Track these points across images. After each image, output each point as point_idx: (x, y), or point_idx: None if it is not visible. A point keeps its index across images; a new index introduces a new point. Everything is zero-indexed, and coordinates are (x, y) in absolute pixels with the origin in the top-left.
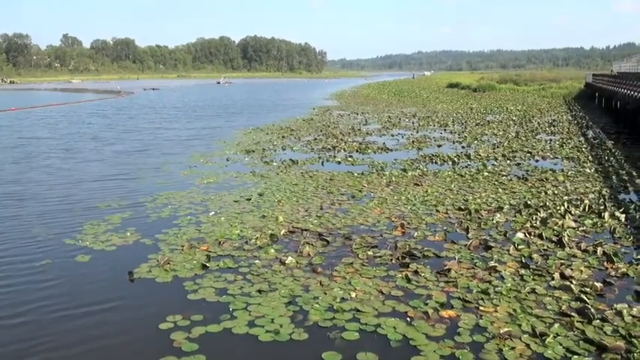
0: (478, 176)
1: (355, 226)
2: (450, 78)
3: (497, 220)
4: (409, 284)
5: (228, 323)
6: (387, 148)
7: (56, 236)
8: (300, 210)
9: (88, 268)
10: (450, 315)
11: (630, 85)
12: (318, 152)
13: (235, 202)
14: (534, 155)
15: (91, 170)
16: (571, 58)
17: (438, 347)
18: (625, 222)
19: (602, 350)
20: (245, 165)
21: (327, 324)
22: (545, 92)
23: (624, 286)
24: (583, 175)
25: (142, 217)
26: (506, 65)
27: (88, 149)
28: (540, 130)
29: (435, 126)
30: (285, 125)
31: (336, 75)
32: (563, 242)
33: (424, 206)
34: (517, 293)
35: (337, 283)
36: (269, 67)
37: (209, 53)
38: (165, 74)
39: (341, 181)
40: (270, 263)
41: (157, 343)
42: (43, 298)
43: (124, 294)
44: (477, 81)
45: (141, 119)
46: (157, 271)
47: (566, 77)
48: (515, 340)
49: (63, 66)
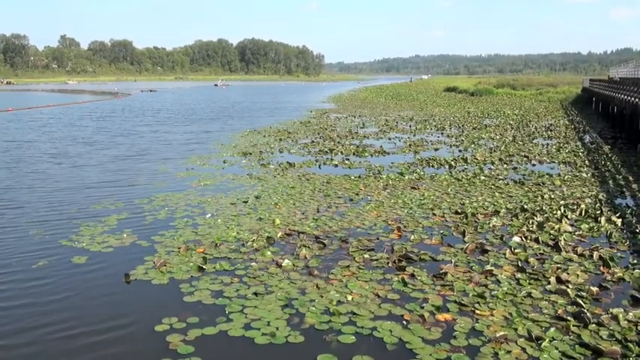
0: (475, 180)
1: (352, 229)
2: (447, 82)
3: (494, 224)
4: (405, 287)
5: (225, 326)
6: (384, 151)
7: (52, 238)
8: (297, 213)
9: (85, 270)
10: (446, 318)
11: (627, 91)
12: (315, 155)
13: (232, 204)
14: (531, 159)
15: (87, 172)
16: (568, 63)
17: (434, 351)
18: (621, 226)
19: (598, 355)
20: (242, 167)
21: (324, 327)
22: (543, 97)
23: (620, 291)
24: (580, 179)
25: (139, 218)
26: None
27: (85, 151)
28: (537, 134)
29: (432, 129)
30: (283, 128)
31: (334, 78)
32: (560, 246)
33: (421, 210)
34: (513, 297)
35: (333, 286)
36: (267, 70)
37: (207, 56)
38: (163, 76)
39: (338, 184)
40: (266, 266)
41: (153, 346)
42: (39, 299)
43: (120, 295)
44: (475, 85)
45: (138, 121)
46: (154, 272)
47: (563, 82)
48: (511, 344)
49: (60, 67)
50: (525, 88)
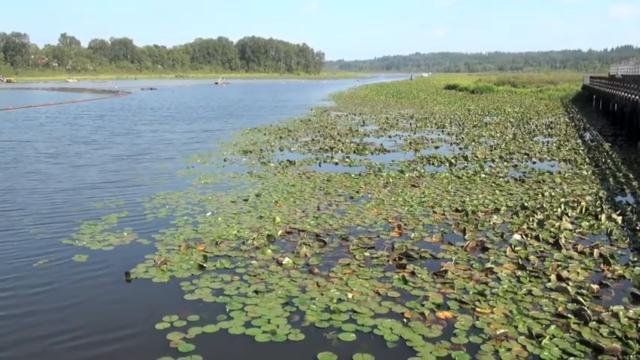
0: (475, 178)
1: (352, 227)
2: (447, 80)
3: (494, 222)
4: (406, 285)
5: (225, 324)
6: (384, 149)
7: (53, 236)
8: (298, 211)
9: (85, 268)
10: (446, 316)
11: (627, 88)
12: (315, 153)
13: (232, 202)
14: (531, 157)
15: (87, 171)
16: (569, 61)
17: (435, 348)
18: (622, 224)
19: (598, 352)
20: (242, 165)
21: (324, 325)
22: (543, 94)
23: (620, 288)
24: (580, 177)
25: (139, 217)
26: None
27: (84, 150)
28: (538, 132)
29: (433, 127)
30: (283, 126)
31: (335, 76)
32: (560, 244)
33: (421, 207)
34: (513, 295)
35: (334, 284)
36: (267, 68)
37: (207, 54)
38: (163, 74)
39: (338, 182)
40: (267, 264)
41: (154, 344)
42: (40, 297)
43: (121, 294)
44: (475, 83)
45: (138, 119)
46: (154, 271)
47: (563, 80)
48: (512, 342)
49: (61, 65)
50: (526, 86)
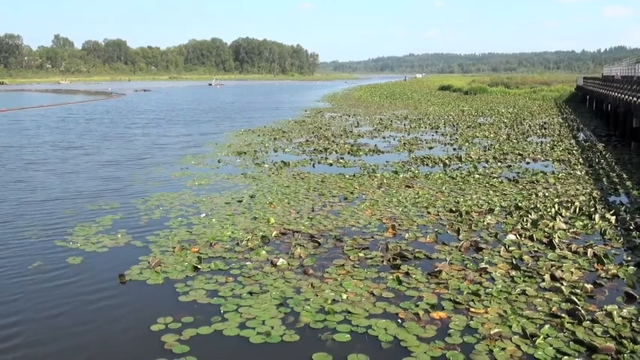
0: (469, 178)
1: (346, 228)
2: (441, 80)
3: (488, 222)
4: (400, 286)
5: (220, 325)
6: (378, 150)
7: (47, 238)
8: (292, 212)
9: (79, 270)
10: (440, 316)
11: (620, 88)
12: (309, 154)
13: (227, 203)
14: (525, 157)
15: (81, 173)
16: (562, 62)
17: (429, 348)
18: (615, 224)
19: (592, 351)
20: (237, 167)
21: (319, 325)
22: (537, 95)
23: (614, 288)
24: (574, 177)
25: (133, 218)
26: (498, 68)
27: (78, 153)
28: (531, 132)
29: (427, 128)
30: (277, 127)
31: (329, 77)
32: (554, 244)
33: (415, 208)
34: (508, 295)
35: (328, 285)
36: (261, 69)
37: (201, 55)
38: (157, 76)
39: (332, 183)
40: (261, 265)
41: (148, 345)
42: (34, 299)
43: (115, 296)
44: (469, 84)
45: (131, 122)
46: (148, 272)
47: (557, 80)
48: (506, 341)
49: (54, 67)
50: (519, 87)
